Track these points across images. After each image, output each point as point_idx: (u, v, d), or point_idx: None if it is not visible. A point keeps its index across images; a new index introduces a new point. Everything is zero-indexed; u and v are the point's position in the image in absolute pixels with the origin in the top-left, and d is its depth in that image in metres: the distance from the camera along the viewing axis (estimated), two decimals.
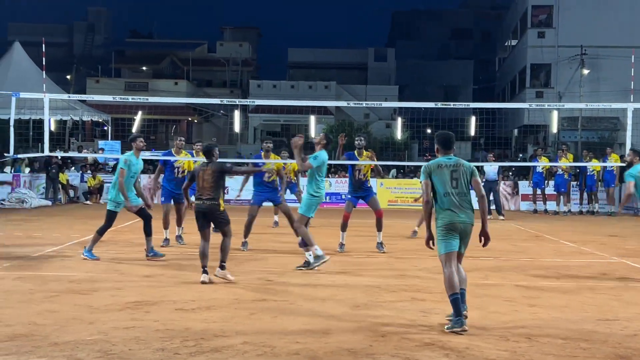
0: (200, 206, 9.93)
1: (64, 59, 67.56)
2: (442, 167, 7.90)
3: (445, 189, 7.80)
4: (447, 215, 7.77)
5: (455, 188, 7.81)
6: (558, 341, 6.90)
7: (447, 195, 7.78)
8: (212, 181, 9.96)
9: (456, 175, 7.85)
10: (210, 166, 10.11)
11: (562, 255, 13.82)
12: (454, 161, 7.96)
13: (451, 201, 7.77)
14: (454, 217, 7.75)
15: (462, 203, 7.79)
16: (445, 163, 7.93)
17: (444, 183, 7.82)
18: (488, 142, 39.06)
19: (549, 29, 49.83)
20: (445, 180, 7.82)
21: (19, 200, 23.60)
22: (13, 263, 11.20)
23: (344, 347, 6.47)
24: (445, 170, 7.86)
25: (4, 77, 28.32)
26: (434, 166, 7.95)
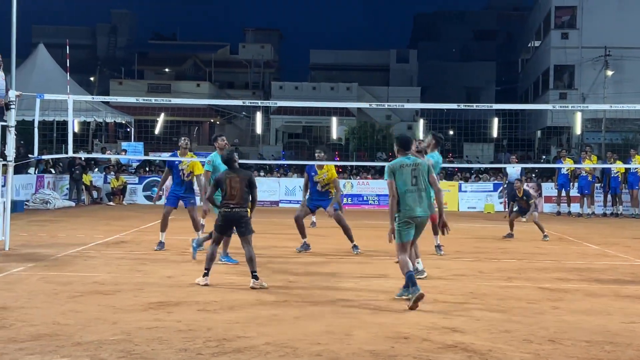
0: (229, 214, 9.76)
1: (88, 60, 68.10)
2: (404, 167, 8.90)
3: (407, 187, 8.81)
4: (407, 211, 8.79)
5: (415, 185, 8.84)
6: (582, 344, 6.85)
7: (408, 192, 8.80)
8: (242, 189, 9.80)
9: (415, 173, 8.88)
10: (240, 174, 9.91)
11: (585, 257, 13.71)
12: (412, 160, 8.99)
13: (411, 197, 8.79)
14: (413, 212, 8.79)
15: (420, 199, 8.84)
16: (406, 163, 8.93)
17: (405, 181, 8.82)
18: (511, 144, 38.86)
19: (572, 30, 49.49)
20: (407, 179, 8.83)
21: (43, 201, 23.78)
22: (37, 263, 11.29)
23: (365, 349, 6.45)
24: (406, 169, 8.87)
25: (28, 79, 28.52)
26: (397, 166, 8.92)
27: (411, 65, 70.40)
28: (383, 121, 55.43)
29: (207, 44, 75.07)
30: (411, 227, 8.84)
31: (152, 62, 72.68)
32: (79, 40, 70.27)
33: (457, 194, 27.00)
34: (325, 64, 70.86)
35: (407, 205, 8.77)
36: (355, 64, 70.53)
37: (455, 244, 15.49)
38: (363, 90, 61.76)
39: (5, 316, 7.47)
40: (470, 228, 19.76)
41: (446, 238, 16.36)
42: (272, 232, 17.08)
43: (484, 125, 30.99)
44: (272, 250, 13.54)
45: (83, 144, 35.47)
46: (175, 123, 50.11)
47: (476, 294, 9.41)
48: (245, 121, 59.42)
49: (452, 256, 13.42)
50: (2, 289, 9.05)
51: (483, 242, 16.10)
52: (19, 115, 17.76)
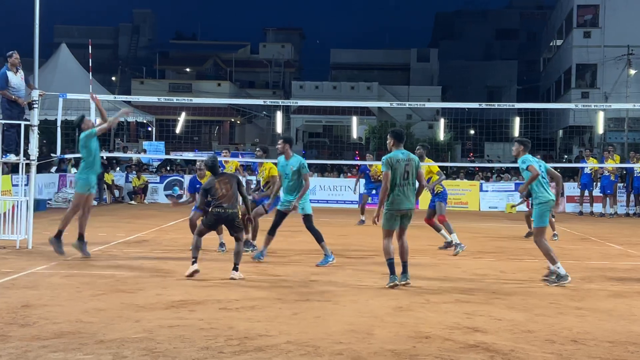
0: (222, 214, 10.17)
1: (110, 60, 68.57)
2: (400, 161, 9.49)
3: (399, 181, 9.43)
4: (395, 203, 9.46)
5: (406, 180, 9.47)
6: (605, 344, 6.80)
7: (398, 186, 9.42)
8: (234, 190, 10.24)
9: (408, 168, 9.49)
10: (227, 176, 10.45)
11: (608, 257, 13.62)
12: (406, 156, 9.58)
13: (400, 191, 9.43)
14: (400, 205, 9.47)
15: (408, 192, 9.51)
16: (401, 157, 9.52)
17: (399, 175, 9.44)
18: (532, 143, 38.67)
19: (594, 29, 49.09)
20: (400, 173, 9.45)
21: (65, 200, 23.91)
22: (60, 262, 11.37)
23: (387, 348, 6.45)
24: (401, 164, 9.47)
25: (51, 78, 28.77)
26: (394, 159, 9.51)
27: (432, 65, 70.18)
28: (404, 120, 55.33)
29: (228, 43, 75.32)
30: (396, 219, 9.56)
31: (173, 61, 73.02)
32: (101, 40, 70.67)
33: (478, 193, 26.89)
34: (345, 63, 70.82)
35: (395, 199, 9.47)
36: (376, 63, 70.46)
37: (476, 243, 15.45)
38: (384, 89, 61.65)
39: (28, 314, 7.53)
40: (491, 228, 19.68)
41: (468, 238, 16.33)
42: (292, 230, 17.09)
43: (506, 124, 30.87)
44: (291, 249, 13.55)
45: (105, 143, 35.65)
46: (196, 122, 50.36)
47: (498, 293, 9.37)
48: (266, 120, 59.50)
49: (474, 256, 13.38)
50: (26, 287, 9.13)
51: (504, 242, 16.03)
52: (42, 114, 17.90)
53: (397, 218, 9.60)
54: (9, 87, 13.32)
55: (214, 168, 10.54)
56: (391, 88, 62.74)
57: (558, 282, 10.12)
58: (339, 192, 26.71)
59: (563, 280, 10.12)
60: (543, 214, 10.34)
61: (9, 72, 13.34)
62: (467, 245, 13.73)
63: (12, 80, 13.35)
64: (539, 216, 10.36)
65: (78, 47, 42.78)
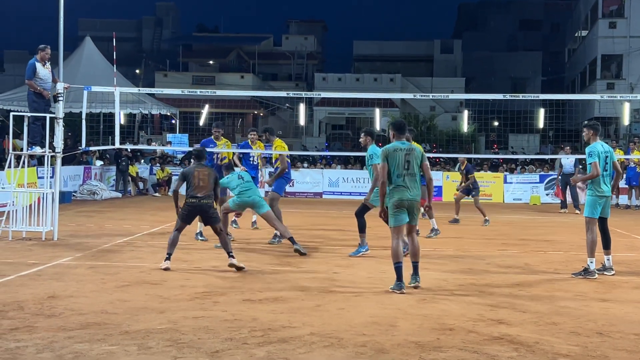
0: (195, 204, 10.26)
1: (133, 53, 68.84)
2: (397, 151, 9.17)
3: (399, 171, 9.10)
4: (398, 194, 9.06)
5: (407, 170, 9.12)
6: (631, 336, 6.75)
7: (400, 176, 9.09)
8: (210, 182, 10.36)
9: (408, 158, 9.14)
10: (208, 170, 10.53)
11: (634, 249, 13.51)
12: (407, 146, 9.29)
13: (403, 181, 9.08)
14: (403, 195, 9.04)
15: (411, 183, 9.10)
16: (400, 147, 9.22)
17: (398, 165, 9.12)
18: (557, 135, 38.35)
19: (620, 19, 48.57)
20: (400, 163, 9.12)
21: (90, 192, 24.11)
22: (85, 253, 11.46)
23: (410, 340, 6.44)
24: (400, 154, 9.14)
25: (75, 71, 28.92)
26: (390, 150, 9.21)
27: (455, 56, 69.79)
28: (427, 112, 55.06)
29: (251, 35, 75.33)
30: (403, 211, 9.05)
31: (196, 54, 73.14)
32: (124, 33, 70.94)
33: (502, 185, 26.75)
34: (368, 55, 70.57)
35: (397, 189, 9.09)
36: (398, 54, 70.14)
37: (501, 236, 15.38)
38: (407, 81, 61.40)
39: (54, 305, 7.60)
40: (515, 220, 19.58)
41: (493, 231, 16.28)
42: (316, 223, 17.11)
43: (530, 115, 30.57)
44: (315, 241, 13.57)
45: (129, 136, 35.86)
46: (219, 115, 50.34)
47: (522, 286, 9.33)
48: (289, 113, 59.52)
49: (498, 248, 13.33)
50: (52, 278, 9.21)
51: (529, 234, 15.94)
52: (67, 107, 18.05)
53: (404, 211, 9.03)
54: (37, 78, 13.43)
55: (200, 155, 10.86)
56: (414, 80, 62.47)
57: (584, 275, 10.05)
58: (362, 185, 26.65)
59: (590, 275, 10.05)
60: (594, 205, 10.27)
61: (38, 63, 13.45)
62: (492, 238, 13.67)
63: (40, 72, 13.46)
64: (590, 206, 10.30)
65: (102, 40, 42.95)
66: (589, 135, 10.60)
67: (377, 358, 5.88)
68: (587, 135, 10.63)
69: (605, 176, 10.33)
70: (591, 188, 10.29)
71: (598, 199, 10.25)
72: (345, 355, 5.97)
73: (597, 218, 10.31)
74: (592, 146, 10.43)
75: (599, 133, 10.68)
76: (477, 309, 7.84)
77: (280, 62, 72.16)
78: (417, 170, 9.21)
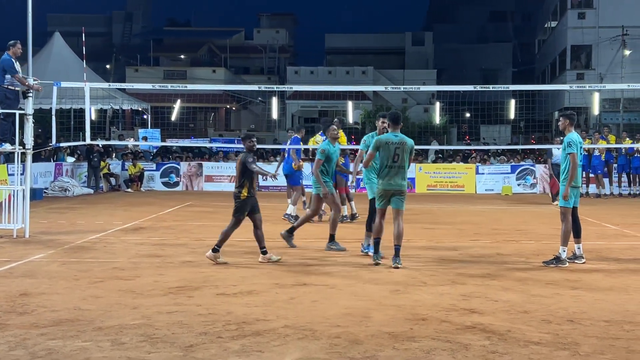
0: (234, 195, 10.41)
1: (103, 48, 68.30)
2: (389, 143, 9.85)
3: (388, 162, 9.82)
4: (384, 184, 9.91)
5: (395, 162, 9.81)
6: (601, 323, 6.85)
7: (387, 168, 9.83)
8: (238, 170, 10.36)
9: (398, 151, 9.81)
10: (240, 156, 10.49)
11: (604, 238, 13.67)
12: (399, 139, 9.91)
13: (388, 173, 9.83)
14: (388, 186, 9.88)
15: (397, 174, 9.85)
16: (392, 140, 9.89)
17: (388, 157, 9.82)
18: (528, 125, 38.66)
19: (589, 10, 49.00)
20: (390, 155, 9.82)
21: (62, 188, 23.91)
22: (57, 250, 11.38)
23: (384, 331, 6.48)
24: (391, 146, 9.82)
25: (44, 67, 28.60)
26: (383, 142, 9.95)
27: (427, 48, 70.08)
28: (399, 104, 55.23)
29: (222, 29, 75.12)
30: (385, 198, 9.97)
31: (167, 48, 72.79)
32: (94, 28, 70.33)
33: (474, 176, 26.91)
34: (340, 48, 70.63)
35: (384, 179, 9.90)
36: (370, 47, 70.28)
37: (473, 226, 15.49)
38: (379, 73, 61.56)
39: (27, 302, 7.55)
40: (488, 210, 19.72)
41: (465, 221, 16.40)
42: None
43: (501, 107, 30.84)
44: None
45: (100, 132, 35.63)
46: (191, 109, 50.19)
47: (494, 275, 9.41)
48: (261, 106, 59.42)
49: (470, 238, 13.42)
50: (24, 275, 9.15)
51: (501, 224, 16.07)
52: (36, 103, 17.88)
53: (386, 198, 9.98)
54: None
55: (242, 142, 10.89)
56: (386, 72, 62.65)
57: (556, 264, 10.16)
58: None
59: (561, 264, 10.16)
60: (569, 195, 10.34)
61: (12, 59, 13.30)
62: (464, 228, 13.75)
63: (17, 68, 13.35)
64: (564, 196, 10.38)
65: (72, 36, 42.70)
66: (564, 125, 10.68)
67: (350, 349, 5.92)
68: (563, 125, 10.71)
69: (579, 167, 10.43)
70: (566, 178, 10.36)
71: (573, 189, 10.35)
72: (319, 347, 5.99)
73: (571, 207, 10.43)
74: (571, 136, 10.48)
75: (574, 123, 10.78)
76: (450, 299, 7.91)
77: (252, 56, 72.06)
78: (406, 162, 9.92)
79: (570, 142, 10.36)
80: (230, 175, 26.92)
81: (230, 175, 26.93)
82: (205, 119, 62.39)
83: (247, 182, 10.26)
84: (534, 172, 26.47)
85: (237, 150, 29.85)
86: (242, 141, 10.95)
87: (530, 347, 6.04)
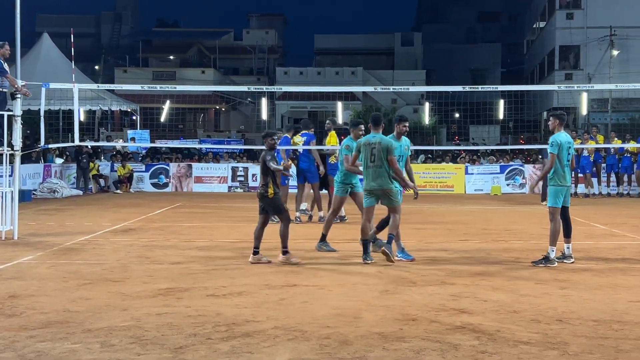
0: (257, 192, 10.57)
1: (92, 49, 68.17)
2: (367, 145, 10.18)
3: (367, 163, 10.18)
4: (367, 183, 10.30)
5: (373, 162, 10.10)
6: (590, 323, 6.87)
7: (367, 168, 10.20)
8: (261, 169, 10.46)
9: (375, 151, 10.08)
10: (261, 155, 10.54)
11: (593, 237, 13.72)
12: (377, 139, 10.16)
13: (368, 172, 10.19)
14: (370, 185, 10.21)
15: (375, 174, 10.10)
16: (370, 141, 10.19)
17: (366, 158, 10.18)
18: (517, 125, 38.75)
19: (577, 10, 49.18)
20: (367, 156, 10.16)
21: (51, 190, 23.83)
22: (46, 252, 11.34)
23: (374, 331, 6.49)
24: (368, 147, 10.14)
25: (33, 68, 28.51)
26: (364, 143, 10.30)
27: (416, 49, 70.17)
28: (388, 105, 55.29)
29: (211, 30, 75.08)
30: (372, 196, 10.27)
31: (156, 49, 72.67)
32: (83, 29, 70.20)
33: (463, 176, 26.97)
34: (329, 49, 70.66)
35: (366, 179, 10.29)
36: (360, 48, 70.34)
37: (462, 226, 15.52)
38: (368, 74, 61.62)
39: (15, 304, 7.52)
40: (477, 210, 19.77)
41: (455, 221, 16.42)
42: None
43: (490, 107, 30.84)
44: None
45: (89, 133, 35.51)
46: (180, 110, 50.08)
47: (484, 275, 9.43)
48: (251, 107, 59.43)
49: (459, 238, 13.45)
50: (12, 277, 9.11)
51: (490, 224, 16.11)
52: (25, 104, 17.80)
53: (373, 197, 10.28)
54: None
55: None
56: (375, 73, 62.71)
57: (545, 264, 10.19)
58: None
59: (550, 264, 10.19)
60: (557, 195, 10.41)
61: (1, 60, 13.25)
62: (454, 228, 13.78)
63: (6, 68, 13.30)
64: (553, 196, 10.44)
65: (60, 36, 42.47)
66: (554, 125, 10.73)
67: (340, 350, 5.92)
68: (553, 125, 10.76)
69: (566, 166, 10.47)
70: (553, 178, 10.43)
71: (561, 188, 10.40)
72: (309, 347, 6.00)
73: (560, 207, 10.46)
74: (555, 136, 10.55)
75: (564, 123, 10.83)
76: (440, 299, 7.92)
77: (241, 57, 72.02)
78: (383, 162, 10.05)
79: (553, 142, 10.47)
80: (219, 177, 26.95)
81: (220, 176, 26.97)
82: (195, 120, 62.33)
83: (271, 180, 10.34)
84: (523, 172, 26.57)
85: (227, 151, 29.85)
86: (263, 139, 10.97)
87: (520, 346, 6.05)
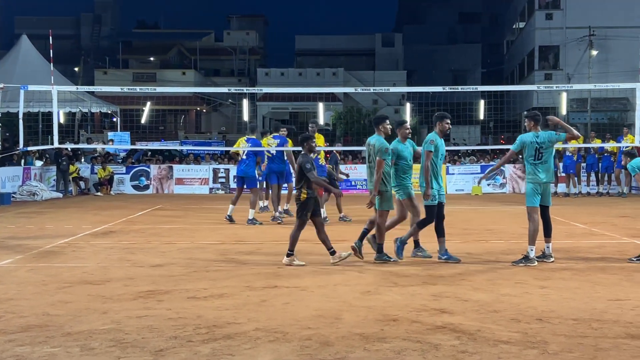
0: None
1: (72, 51, 67.81)
2: (367, 145, 10.69)
3: (367, 162, 10.80)
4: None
5: (370, 163, 10.62)
6: (569, 322, 6.91)
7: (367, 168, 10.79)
8: (296, 172, 10.58)
9: (370, 152, 10.57)
10: (298, 159, 10.58)
11: (573, 236, 13.80)
12: (372, 140, 10.61)
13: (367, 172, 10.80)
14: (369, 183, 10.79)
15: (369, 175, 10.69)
16: (369, 142, 10.66)
17: (367, 156, 10.74)
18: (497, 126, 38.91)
19: (556, 11, 49.52)
20: (366, 156, 10.84)
21: (30, 192, 23.68)
22: (26, 255, 11.27)
23: (355, 332, 6.49)
24: (367, 147, 10.71)
25: (12, 70, 28.34)
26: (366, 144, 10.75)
27: (397, 49, 70.36)
28: (370, 106, 55.40)
29: (192, 31, 74.91)
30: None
31: (136, 51, 72.41)
32: (62, 30, 69.71)
33: (444, 176, 27.02)
34: (310, 50, 70.74)
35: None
36: (341, 49, 70.45)
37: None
38: (349, 75, 61.72)
39: None
40: (458, 210, 19.82)
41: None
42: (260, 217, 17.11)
43: (470, 107, 31.04)
44: (262, 236, 13.57)
45: (69, 135, 35.29)
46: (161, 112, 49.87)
47: (464, 275, 9.47)
48: (232, 108, 59.24)
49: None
50: None
51: (471, 224, 16.17)
52: (4, 107, 17.72)
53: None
54: None
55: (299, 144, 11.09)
56: (357, 73, 62.83)
57: (525, 263, 10.24)
58: None
59: (530, 263, 10.25)
60: (533, 194, 10.48)
61: None
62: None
63: None
64: (529, 196, 10.52)
65: (39, 38, 42.19)
66: (530, 125, 10.81)
67: (321, 351, 5.93)
68: (529, 125, 10.84)
69: (538, 164, 10.52)
70: (528, 178, 10.53)
71: (536, 186, 10.45)
72: (290, 349, 6.00)
73: (538, 206, 10.52)
74: (521, 135, 10.83)
75: (539, 123, 10.89)
76: (421, 299, 7.94)
77: (222, 58, 71.93)
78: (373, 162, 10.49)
79: (517, 140, 10.93)
80: (201, 178, 26.91)
81: (201, 178, 26.93)
82: (176, 122, 62.12)
83: (305, 182, 10.29)
84: (504, 172, 26.67)
85: (208, 153, 29.76)
86: (300, 143, 10.85)
87: (500, 346, 6.08)
